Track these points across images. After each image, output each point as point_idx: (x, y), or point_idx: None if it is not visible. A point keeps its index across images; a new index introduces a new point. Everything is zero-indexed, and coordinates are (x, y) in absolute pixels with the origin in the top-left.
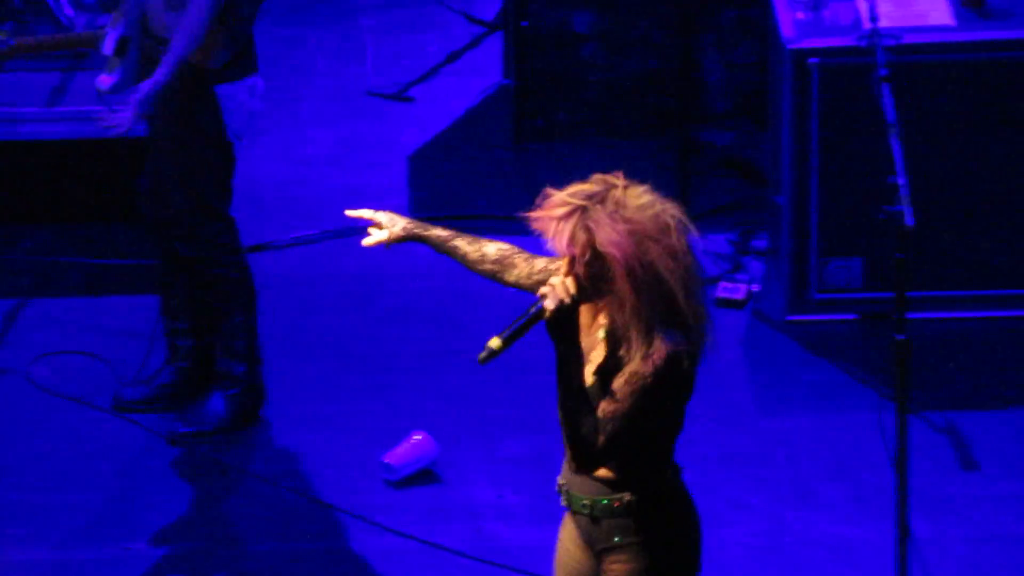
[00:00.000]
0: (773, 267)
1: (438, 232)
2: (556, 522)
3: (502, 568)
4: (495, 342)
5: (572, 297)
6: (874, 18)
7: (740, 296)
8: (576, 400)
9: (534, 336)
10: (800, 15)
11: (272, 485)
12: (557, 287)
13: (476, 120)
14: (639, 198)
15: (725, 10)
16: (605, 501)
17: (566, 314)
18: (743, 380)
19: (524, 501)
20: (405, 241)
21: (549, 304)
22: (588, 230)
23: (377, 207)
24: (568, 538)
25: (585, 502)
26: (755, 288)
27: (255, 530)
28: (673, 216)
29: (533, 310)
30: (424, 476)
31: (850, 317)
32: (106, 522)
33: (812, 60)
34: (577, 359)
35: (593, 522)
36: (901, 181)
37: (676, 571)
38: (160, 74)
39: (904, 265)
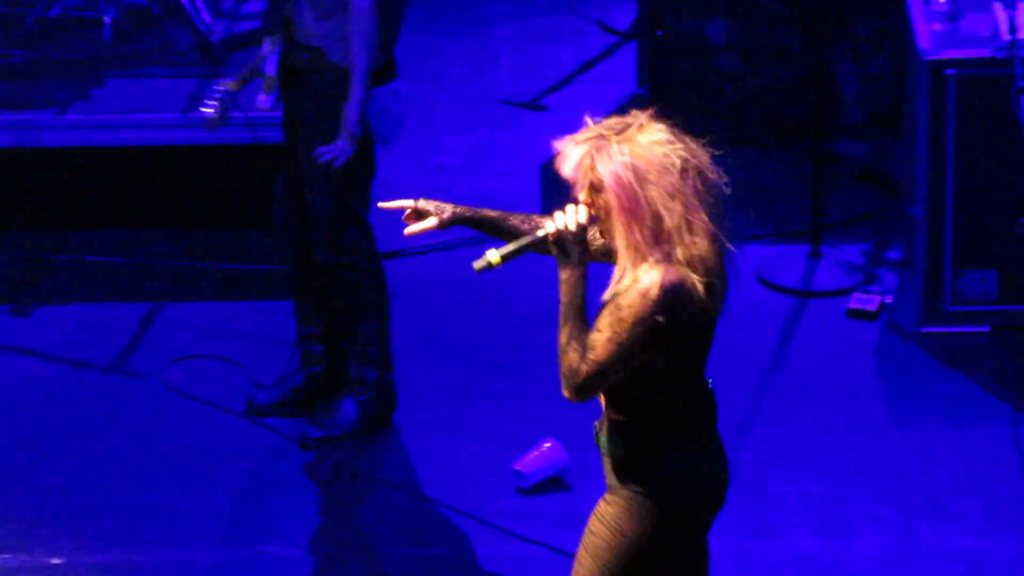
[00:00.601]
0: (907, 279)
1: (487, 213)
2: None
3: None
4: (494, 255)
5: (579, 225)
6: (1013, 29)
7: (873, 307)
8: (569, 326)
9: None
10: (937, 26)
11: (403, 490)
12: (567, 213)
13: None
14: (652, 135)
15: (861, 21)
16: (602, 438)
17: (570, 239)
18: (876, 391)
19: None
20: (454, 225)
21: (549, 227)
22: (592, 158)
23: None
24: None
25: (599, 438)
26: (888, 300)
27: (385, 535)
28: (682, 157)
29: (539, 233)
30: (554, 483)
31: (984, 329)
32: (239, 524)
33: (949, 71)
34: (576, 286)
35: (602, 457)
36: None
37: (645, 535)
38: (356, 95)
39: None
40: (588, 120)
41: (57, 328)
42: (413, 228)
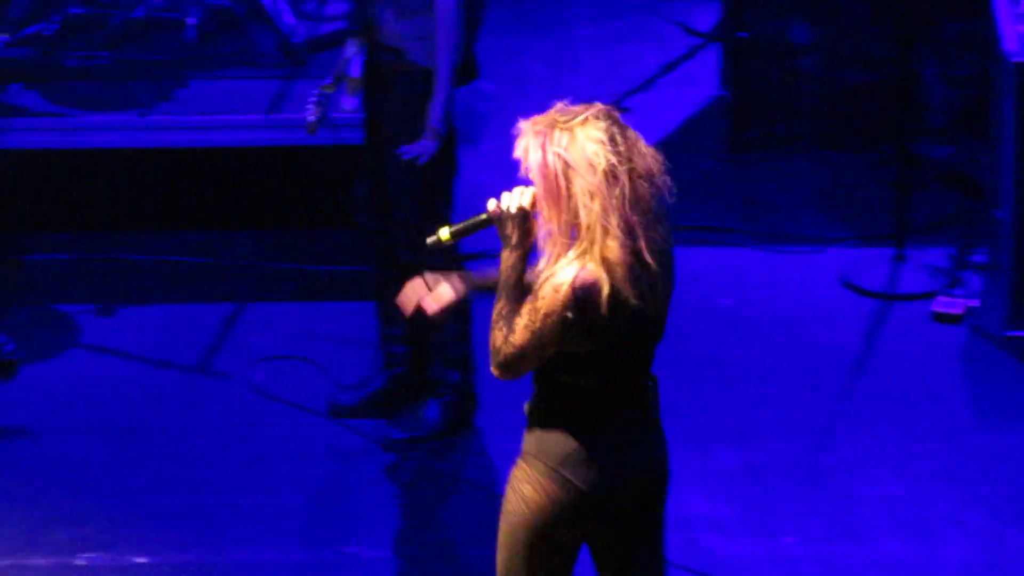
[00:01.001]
0: (992, 282)
1: (491, 274)
2: (773, 535)
3: None
4: (444, 232)
5: (519, 207)
6: None
7: (958, 311)
8: (500, 305)
9: (752, 350)
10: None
11: (485, 492)
12: (512, 195)
13: (692, 131)
14: (591, 132)
15: (947, 23)
16: (527, 405)
17: (510, 221)
18: (961, 395)
19: (738, 513)
20: (471, 292)
21: (491, 206)
22: (531, 147)
23: None
24: None
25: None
26: (974, 303)
27: (468, 536)
28: (610, 161)
29: (484, 215)
30: None
31: None
32: (321, 525)
33: None
34: (513, 267)
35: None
36: None
37: (546, 508)
38: (441, 93)
39: None
40: (559, 105)
41: (141, 329)
42: (432, 310)
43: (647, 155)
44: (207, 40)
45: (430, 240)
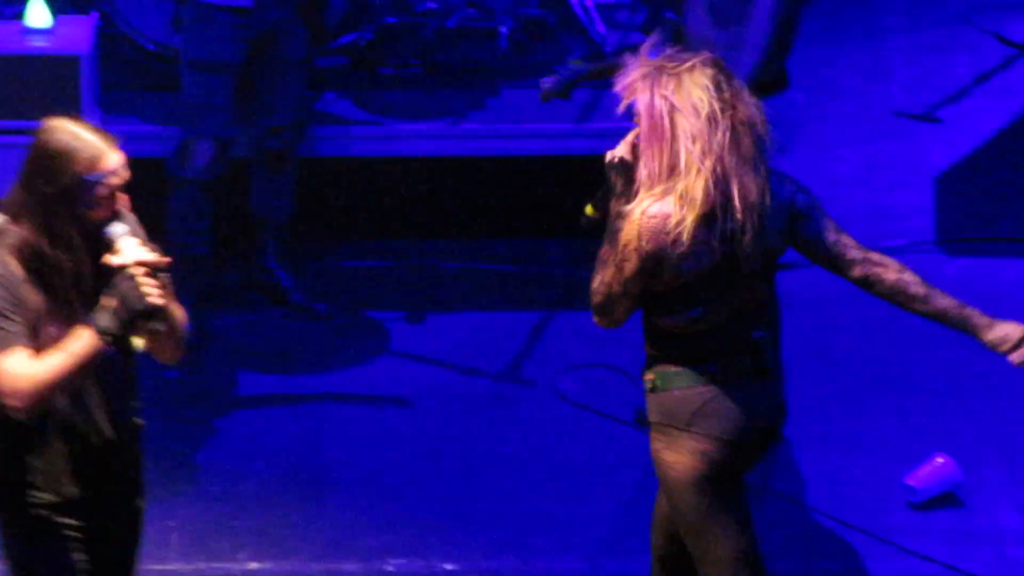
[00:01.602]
0: None
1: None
2: None
3: None
4: (589, 208)
5: (619, 157)
6: None
7: None
8: (603, 248)
9: None
10: None
11: (793, 503)
12: (618, 147)
13: (1007, 141)
14: (697, 78)
15: None
16: (645, 372)
17: (613, 170)
18: None
19: None
20: None
21: (608, 155)
22: (638, 83)
23: (902, 228)
24: None
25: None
26: None
27: (776, 547)
28: (712, 106)
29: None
30: (946, 499)
31: None
32: (630, 533)
33: None
34: (617, 214)
35: None
36: None
37: (678, 464)
38: None
39: None
40: (667, 52)
41: (450, 335)
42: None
43: (750, 104)
44: (519, 49)
45: (583, 221)
